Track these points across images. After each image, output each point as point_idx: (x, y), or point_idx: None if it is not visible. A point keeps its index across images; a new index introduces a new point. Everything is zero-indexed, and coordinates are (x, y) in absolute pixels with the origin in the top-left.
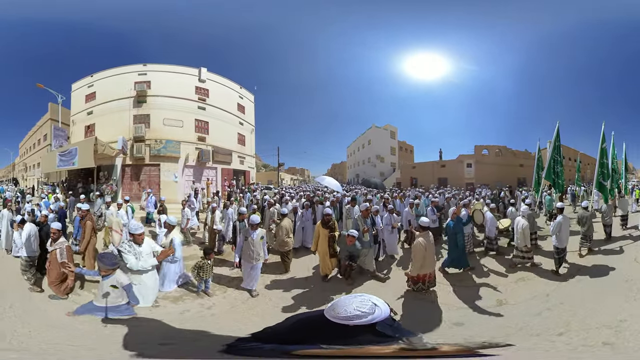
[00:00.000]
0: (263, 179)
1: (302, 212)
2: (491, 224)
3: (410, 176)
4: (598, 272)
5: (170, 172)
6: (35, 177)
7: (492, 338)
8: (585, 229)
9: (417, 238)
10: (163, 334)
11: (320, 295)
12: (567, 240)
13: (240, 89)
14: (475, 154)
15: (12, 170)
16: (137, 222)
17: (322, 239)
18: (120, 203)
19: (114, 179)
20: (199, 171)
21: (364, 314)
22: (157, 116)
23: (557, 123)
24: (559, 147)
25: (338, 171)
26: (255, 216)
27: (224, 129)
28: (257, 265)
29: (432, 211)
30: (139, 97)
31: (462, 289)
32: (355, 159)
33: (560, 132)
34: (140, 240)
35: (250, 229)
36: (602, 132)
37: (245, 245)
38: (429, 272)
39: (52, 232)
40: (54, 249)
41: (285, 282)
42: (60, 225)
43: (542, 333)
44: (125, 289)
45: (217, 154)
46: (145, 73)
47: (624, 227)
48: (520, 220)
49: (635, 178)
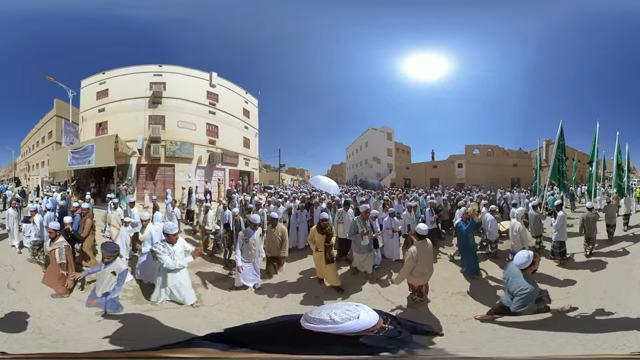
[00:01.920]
0: (265, 180)
1: (297, 213)
2: (492, 227)
3: (403, 177)
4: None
5: (184, 172)
6: (39, 177)
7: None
8: (589, 231)
9: (412, 246)
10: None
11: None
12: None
13: (246, 94)
14: (465, 154)
15: (13, 169)
16: (173, 222)
17: (317, 244)
18: (133, 202)
19: (128, 179)
20: (210, 172)
21: (336, 321)
22: (172, 118)
23: (560, 122)
24: (563, 146)
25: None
26: (256, 215)
27: (232, 132)
28: (258, 261)
29: (430, 213)
30: (155, 97)
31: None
32: (353, 160)
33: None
34: (175, 240)
35: (250, 229)
36: (597, 130)
37: (245, 247)
38: (423, 284)
39: (49, 232)
40: (52, 249)
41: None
42: (58, 225)
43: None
44: (121, 275)
45: (226, 157)
46: (160, 74)
47: (627, 227)
48: (516, 223)
49: (635, 177)
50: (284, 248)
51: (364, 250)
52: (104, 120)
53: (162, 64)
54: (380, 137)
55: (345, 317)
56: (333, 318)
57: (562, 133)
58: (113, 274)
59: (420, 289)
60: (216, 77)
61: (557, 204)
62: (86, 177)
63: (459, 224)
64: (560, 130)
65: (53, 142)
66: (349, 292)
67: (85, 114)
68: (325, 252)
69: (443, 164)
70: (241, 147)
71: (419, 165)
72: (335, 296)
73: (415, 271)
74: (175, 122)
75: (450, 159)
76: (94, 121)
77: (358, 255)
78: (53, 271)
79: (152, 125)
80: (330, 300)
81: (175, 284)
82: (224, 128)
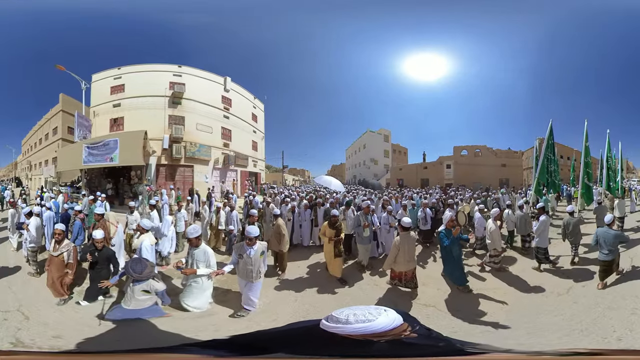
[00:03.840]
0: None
1: (299, 212)
2: (479, 224)
3: (397, 177)
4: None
5: (201, 173)
6: (42, 176)
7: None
8: (572, 237)
9: (397, 236)
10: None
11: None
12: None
13: (254, 99)
14: (454, 155)
15: (14, 168)
16: (196, 225)
17: (327, 240)
18: (154, 204)
19: (148, 179)
20: (224, 173)
21: (361, 320)
22: (191, 120)
23: (550, 121)
24: (552, 146)
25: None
26: (252, 227)
27: (242, 136)
28: (257, 283)
29: (422, 213)
30: (175, 97)
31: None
32: (352, 161)
33: (556, 131)
34: (197, 244)
35: (245, 245)
36: (585, 129)
37: (241, 263)
38: (404, 270)
39: (56, 234)
40: (60, 253)
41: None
42: (64, 226)
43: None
44: (159, 294)
45: (238, 159)
46: (180, 75)
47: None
48: (490, 223)
49: (635, 177)
50: (282, 243)
51: (365, 242)
52: (120, 116)
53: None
54: (377, 139)
55: (363, 318)
56: (348, 319)
57: (552, 132)
58: (146, 293)
59: (400, 275)
60: (230, 82)
61: (539, 207)
62: (98, 177)
63: (441, 235)
64: (550, 129)
65: (59, 139)
66: (350, 282)
67: (97, 108)
68: (335, 247)
69: (432, 165)
70: (250, 149)
71: (410, 167)
72: (338, 286)
73: (398, 258)
74: (194, 124)
75: (439, 160)
76: (108, 116)
77: (361, 246)
78: (55, 273)
79: (174, 126)
80: (333, 290)
81: (192, 284)
82: (236, 132)
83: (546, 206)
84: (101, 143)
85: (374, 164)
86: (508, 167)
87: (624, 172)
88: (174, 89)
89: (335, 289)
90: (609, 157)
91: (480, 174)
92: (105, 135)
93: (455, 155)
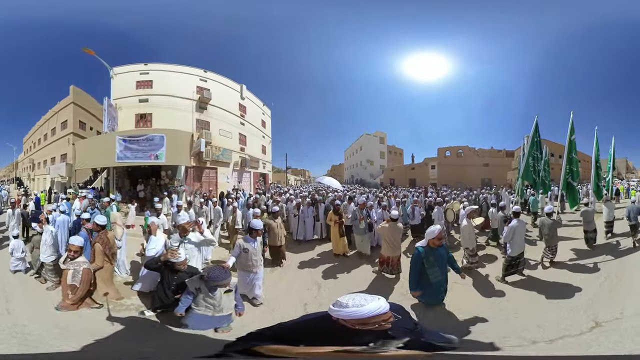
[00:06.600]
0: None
1: (303, 209)
2: (463, 219)
3: (389, 177)
4: (554, 290)
5: (223, 174)
6: (48, 176)
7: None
8: (548, 238)
9: (384, 223)
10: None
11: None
12: (523, 247)
13: (263, 106)
14: (438, 156)
15: (14, 168)
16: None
17: (333, 223)
18: (181, 205)
19: (178, 180)
20: (241, 174)
21: (356, 305)
22: (215, 125)
23: (535, 117)
24: (538, 143)
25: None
26: (257, 221)
27: (255, 140)
28: (261, 270)
29: (411, 209)
30: (202, 102)
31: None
32: (350, 161)
33: (556, 130)
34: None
35: (249, 237)
36: (571, 121)
37: (244, 257)
38: (389, 256)
39: (72, 249)
40: (67, 268)
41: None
42: (81, 240)
43: None
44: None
45: (251, 161)
46: (205, 80)
47: (608, 236)
48: (464, 221)
49: (635, 177)
50: (280, 237)
51: (361, 232)
52: (148, 112)
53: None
54: (373, 141)
55: (357, 303)
56: (347, 303)
57: (537, 129)
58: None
59: (388, 259)
60: (245, 90)
61: (514, 210)
62: (121, 177)
63: (417, 251)
64: (535, 126)
65: (69, 133)
66: (351, 268)
67: (121, 102)
68: (339, 228)
69: (419, 166)
70: (260, 153)
71: (400, 168)
72: (344, 275)
73: (385, 243)
74: (217, 129)
75: (425, 161)
76: (134, 111)
77: (357, 236)
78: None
79: (204, 130)
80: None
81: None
82: (250, 137)
83: (534, 207)
84: (144, 137)
85: (370, 164)
86: (491, 166)
87: (615, 172)
88: (202, 94)
89: (338, 275)
90: (597, 156)
91: (463, 173)
92: (148, 129)
93: (440, 156)
